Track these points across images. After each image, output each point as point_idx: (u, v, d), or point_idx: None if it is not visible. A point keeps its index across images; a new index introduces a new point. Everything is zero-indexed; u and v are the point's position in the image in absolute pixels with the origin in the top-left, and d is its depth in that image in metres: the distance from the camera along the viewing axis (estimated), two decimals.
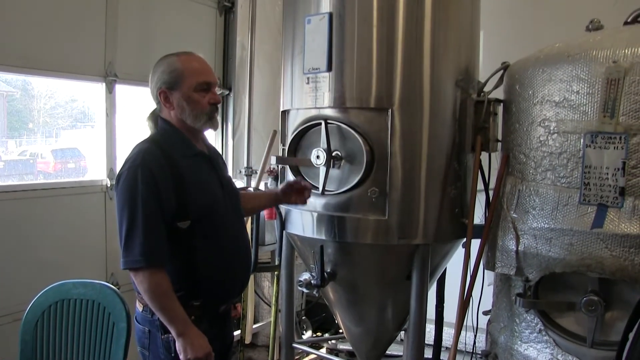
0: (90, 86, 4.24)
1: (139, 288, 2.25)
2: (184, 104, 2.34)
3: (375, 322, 2.98)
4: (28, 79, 4.30)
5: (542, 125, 2.27)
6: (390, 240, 2.54)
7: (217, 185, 2.43)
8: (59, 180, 4.35)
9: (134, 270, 2.21)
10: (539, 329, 2.30)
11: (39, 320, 2.76)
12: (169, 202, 2.22)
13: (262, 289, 5.10)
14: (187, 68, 2.35)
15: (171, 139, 2.37)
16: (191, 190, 2.29)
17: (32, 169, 5.13)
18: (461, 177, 2.68)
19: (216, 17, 5.17)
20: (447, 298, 3.22)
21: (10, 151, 4.82)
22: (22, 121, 4.86)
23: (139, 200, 2.19)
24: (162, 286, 2.21)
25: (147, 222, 2.19)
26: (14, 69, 3.68)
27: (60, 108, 4.94)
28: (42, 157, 5.38)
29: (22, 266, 3.61)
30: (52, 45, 3.76)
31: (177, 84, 2.34)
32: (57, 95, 4.88)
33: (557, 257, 2.17)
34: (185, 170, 2.30)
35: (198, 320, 2.32)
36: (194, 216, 2.28)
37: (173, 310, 2.22)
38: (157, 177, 2.21)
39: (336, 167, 2.58)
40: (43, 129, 5.08)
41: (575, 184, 2.15)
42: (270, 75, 4.99)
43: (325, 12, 2.55)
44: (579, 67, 2.15)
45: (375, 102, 2.51)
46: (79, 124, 5.10)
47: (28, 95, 4.63)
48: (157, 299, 2.22)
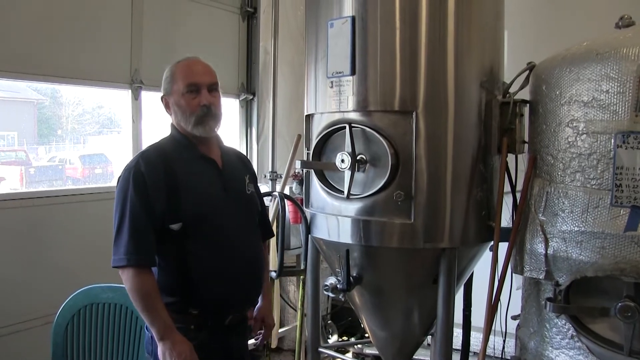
0: (116, 93, 4.30)
1: (125, 287, 2.27)
2: (176, 108, 2.40)
3: (402, 326, 2.95)
4: (57, 87, 4.38)
5: (570, 126, 2.22)
6: (416, 244, 2.52)
7: (220, 190, 2.42)
8: (87, 186, 4.42)
9: (120, 268, 2.24)
10: (570, 334, 2.25)
11: (69, 323, 2.86)
12: (158, 204, 2.25)
13: (288, 293, 5.10)
14: (178, 72, 2.39)
15: (174, 143, 2.43)
16: (184, 194, 2.31)
17: (61, 175, 5.23)
18: (487, 179, 2.64)
19: (239, 23, 5.21)
20: (475, 302, 3.17)
21: (40, 157, 4.92)
22: (51, 128, 4.97)
23: (127, 202, 2.24)
24: (145, 286, 2.22)
25: (133, 223, 2.22)
26: (45, 77, 3.82)
27: (88, 115, 5.04)
28: (71, 162, 5.49)
29: (52, 270, 3.69)
30: (80, 54, 3.85)
31: (171, 89, 2.41)
32: (85, 102, 4.98)
33: (589, 260, 2.12)
34: (181, 173, 2.33)
35: (197, 330, 2.33)
36: (186, 219, 2.30)
37: (155, 312, 2.22)
38: (147, 179, 2.26)
39: (361, 170, 2.56)
40: (71, 136, 5.19)
41: (606, 185, 2.10)
42: (292, 80, 5.01)
43: (348, 15, 2.54)
44: (609, 66, 2.09)
45: (399, 105, 2.49)
46: (105, 130, 5.18)
47: (57, 102, 4.74)
48: (139, 299, 2.23)
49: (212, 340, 2.37)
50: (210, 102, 2.37)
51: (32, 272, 3.61)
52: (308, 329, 3.24)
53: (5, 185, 4.53)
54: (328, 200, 2.72)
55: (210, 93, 2.39)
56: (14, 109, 4.86)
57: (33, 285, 3.60)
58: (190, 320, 2.33)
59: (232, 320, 2.43)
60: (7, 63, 3.41)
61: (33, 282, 3.60)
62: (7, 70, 3.49)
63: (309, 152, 2.81)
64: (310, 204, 2.88)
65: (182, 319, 2.31)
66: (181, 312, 2.31)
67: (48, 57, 3.67)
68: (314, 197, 2.85)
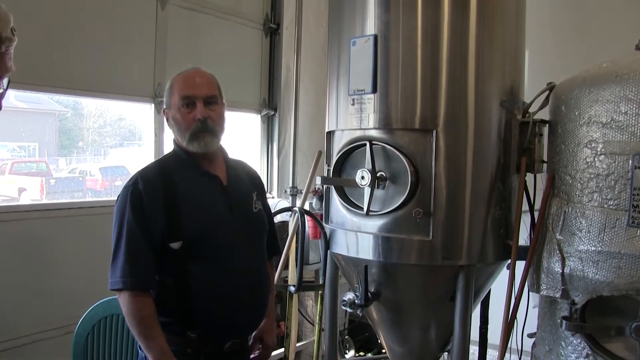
0: (139, 106, 4.36)
1: (122, 310, 2.18)
2: (172, 122, 2.29)
3: (419, 342, 2.96)
4: (78, 99, 4.44)
5: (588, 147, 2.25)
6: (435, 261, 2.54)
7: (224, 208, 2.31)
8: (107, 199, 4.47)
9: (117, 291, 2.16)
10: (586, 353, 2.26)
11: (90, 334, 2.87)
12: (157, 223, 2.15)
13: (306, 307, 5.11)
14: (176, 84, 2.28)
15: (176, 159, 2.32)
16: (185, 211, 2.20)
17: (81, 186, 5.26)
18: (506, 198, 2.66)
19: (262, 39, 5.27)
20: (492, 319, 3.18)
21: (60, 168, 4.96)
22: (72, 139, 5.00)
23: (124, 222, 2.15)
24: (141, 312, 2.13)
25: (130, 244, 2.13)
26: (69, 90, 3.86)
27: (109, 127, 5.08)
28: (91, 174, 5.52)
29: (73, 280, 3.72)
30: (104, 68, 3.90)
31: (170, 103, 2.30)
32: (106, 114, 5.02)
33: (605, 280, 2.14)
34: (183, 190, 2.23)
35: (194, 355, 2.21)
36: (187, 238, 2.19)
37: (152, 338, 2.12)
38: (145, 198, 2.16)
39: (380, 187, 2.59)
40: (92, 148, 5.22)
41: (623, 206, 2.12)
42: (314, 96, 5.04)
43: (370, 34, 2.58)
44: (628, 88, 2.13)
45: (419, 123, 2.53)
46: (126, 142, 5.22)
47: (78, 114, 4.77)
48: (136, 324, 2.14)
49: None
50: (205, 115, 2.22)
51: (53, 282, 3.64)
52: (325, 344, 3.24)
53: (26, 196, 4.58)
54: (348, 216, 2.75)
55: (209, 106, 2.24)
56: (36, 120, 4.91)
57: (54, 294, 3.64)
58: (188, 343, 2.20)
59: (231, 346, 2.31)
60: (30, 75, 3.41)
61: (54, 292, 3.64)
62: (31, 83, 3.49)
63: (329, 169, 2.84)
64: (329, 220, 2.91)
65: (179, 341, 2.19)
66: (178, 334, 2.20)
67: (73, 70, 3.72)
68: (333, 213, 2.88)
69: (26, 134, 4.51)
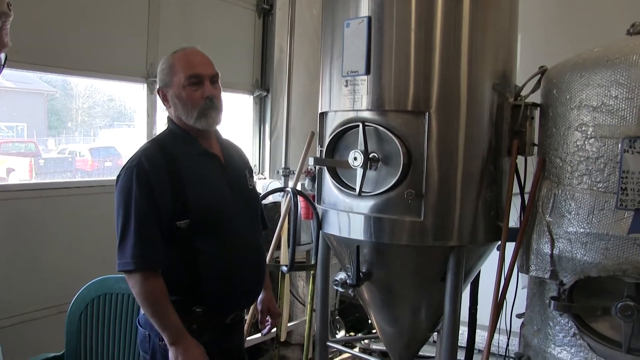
0: (128, 86, 4.35)
1: (132, 291, 2.20)
2: (176, 101, 2.29)
3: (409, 322, 3.00)
4: (68, 79, 4.41)
5: (579, 130, 2.28)
6: (426, 242, 2.57)
7: (225, 186, 2.36)
8: (99, 178, 4.47)
9: (127, 273, 2.16)
10: (573, 332, 2.30)
11: (83, 313, 2.88)
12: (165, 202, 2.16)
13: (297, 288, 5.15)
14: (177, 63, 2.29)
15: (174, 138, 2.33)
16: (191, 189, 2.22)
17: (71, 167, 5.23)
18: (497, 180, 2.69)
19: (255, 20, 5.26)
20: (480, 300, 3.23)
21: (50, 149, 4.94)
22: (61, 120, 4.96)
23: (132, 202, 2.14)
24: (155, 292, 2.15)
25: (140, 225, 2.13)
26: (60, 69, 3.83)
27: (98, 107, 5.05)
28: (81, 155, 5.50)
29: (65, 260, 3.73)
30: (97, 47, 3.89)
31: (169, 81, 2.30)
32: (95, 95, 4.99)
33: (593, 261, 2.18)
34: (186, 169, 2.25)
35: (200, 330, 2.25)
36: (194, 216, 2.21)
37: (166, 317, 2.15)
38: (152, 177, 2.16)
39: (373, 168, 2.61)
40: (81, 128, 5.19)
41: (612, 188, 2.16)
42: (306, 78, 5.05)
43: (364, 16, 2.59)
44: (618, 72, 2.15)
45: (412, 105, 2.54)
46: (116, 123, 5.20)
47: (67, 94, 4.73)
48: (149, 304, 2.16)
49: (215, 340, 2.31)
50: (213, 93, 2.29)
51: (44, 262, 3.65)
52: (317, 323, 3.28)
53: (15, 177, 4.57)
54: (340, 197, 2.77)
55: (213, 85, 2.31)
56: (24, 100, 4.86)
57: (46, 274, 3.65)
58: (193, 319, 2.25)
59: (234, 318, 2.39)
60: (22, 54, 3.38)
61: (45, 271, 3.65)
62: (23, 62, 3.47)
63: (322, 150, 2.85)
64: (322, 201, 2.93)
65: (184, 318, 2.22)
66: (184, 311, 2.22)
67: (64, 49, 3.69)
68: (326, 193, 2.90)
69: (14, 114, 4.45)
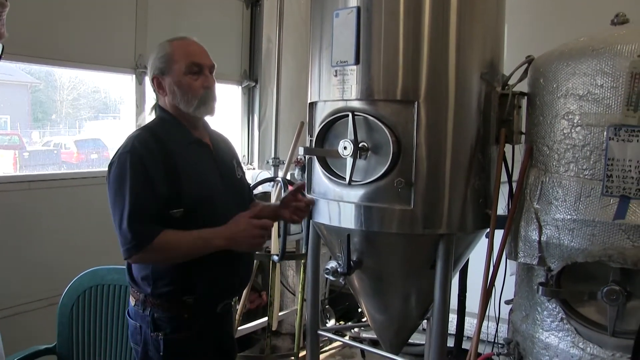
0: (113, 77, 4.34)
1: (161, 262, 2.22)
2: (174, 88, 2.30)
3: (399, 310, 3.04)
4: (51, 71, 4.38)
5: (565, 118, 2.31)
6: (416, 230, 2.59)
7: (216, 176, 2.39)
8: (88, 170, 4.46)
9: (137, 255, 2.16)
10: (560, 317, 2.35)
11: (75, 304, 2.90)
12: (160, 189, 2.17)
13: (287, 278, 5.18)
14: (177, 52, 2.31)
15: (166, 127, 2.33)
16: (185, 179, 2.24)
17: (56, 159, 5.20)
18: (485, 168, 2.71)
19: (243, 10, 5.26)
20: (469, 288, 3.26)
21: (34, 141, 4.91)
22: (45, 112, 4.93)
23: (126, 188, 2.14)
24: (170, 242, 2.16)
25: (135, 210, 2.13)
26: (48, 60, 3.82)
27: (83, 99, 5.02)
28: (66, 147, 5.47)
29: (54, 252, 3.73)
30: (85, 39, 3.88)
31: (167, 69, 2.31)
32: (80, 86, 4.96)
33: (580, 247, 2.22)
34: (179, 158, 2.25)
35: (192, 319, 2.28)
36: (188, 205, 2.23)
37: (193, 243, 2.19)
38: (147, 164, 2.17)
39: (362, 158, 2.63)
40: (66, 120, 5.16)
41: (598, 176, 2.19)
42: (294, 68, 5.06)
43: (353, 6, 2.60)
44: (604, 61, 2.18)
45: (401, 95, 2.56)
46: (101, 115, 5.17)
47: (51, 86, 4.70)
48: (180, 256, 2.20)
49: (205, 329, 2.35)
50: (212, 83, 2.35)
51: (34, 254, 3.65)
52: (308, 312, 3.31)
53: None
54: (330, 186, 2.78)
55: (210, 75, 2.37)
56: (7, 92, 4.83)
57: (35, 267, 3.65)
58: (185, 309, 2.28)
59: (223, 307, 2.42)
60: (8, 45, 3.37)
61: (35, 264, 3.65)
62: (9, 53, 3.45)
63: (312, 139, 2.86)
64: (312, 190, 2.93)
65: (175, 307, 2.27)
66: (175, 301, 2.27)
67: (52, 40, 3.69)
68: (316, 183, 2.91)
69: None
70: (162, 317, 2.28)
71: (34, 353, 2.84)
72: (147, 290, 2.28)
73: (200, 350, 2.35)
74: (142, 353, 2.31)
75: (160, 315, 2.27)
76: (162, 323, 2.28)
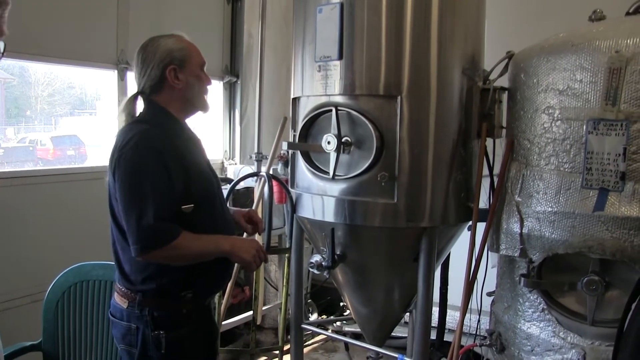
0: (95, 73, 4.32)
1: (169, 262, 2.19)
2: (194, 81, 2.36)
3: (383, 303, 3.07)
4: (25, 66, 4.32)
5: (546, 113, 2.35)
6: (399, 223, 2.62)
7: (210, 171, 2.44)
8: (72, 166, 4.43)
9: (154, 252, 2.12)
10: (541, 308, 2.39)
11: (60, 300, 2.88)
12: (178, 180, 2.17)
13: (269, 273, 5.19)
14: (192, 48, 2.40)
15: (165, 122, 2.32)
16: (193, 174, 2.25)
17: (32, 156, 5.15)
18: (467, 162, 2.75)
19: (224, 6, 5.25)
20: (450, 281, 3.30)
21: (8, 138, 4.85)
22: (19, 108, 4.86)
23: (147, 183, 2.11)
24: (186, 242, 2.16)
25: (160, 205, 2.11)
26: (27, 55, 3.78)
27: (58, 95, 4.95)
28: (42, 144, 5.41)
29: (36, 249, 3.71)
30: (66, 34, 3.86)
31: (186, 62, 2.34)
32: (55, 82, 4.90)
33: (560, 239, 2.26)
34: (186, 153, 2.27)
35: (189, 313, 2.31)
36: (197, 201, 2.24)
37: (205, 246, 2.24)
38: (166, 159, 2.15)
39: (346, 152, 2.65)
40: (41, 116, 5.10)
41: (577, 169, 2.24)
42: (275, 63, 5.05)
43: (337, 2, 2.61)
44: (583, 57, 2.22)
45: (384, 90, 2.58)
46: (77, 111, 5.12)
47: (25, 82, 4.63)
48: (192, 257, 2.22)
49: (200, 322, 2.38)
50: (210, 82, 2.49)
51: (16, 251, 3.62)
52: (292, 306, 3.33)
53: None
54: (313, 180, 2.80)
55: None
56: None
57: (17, 263, 3.62)
58: (183, 304, 2.30)
59: (209, 301, 2.49)
60: None
61: (17, 261, 3.62)
62: None
63: (295, 134, 2.88)
64: (296, 185, 2.96)
65: (175, 304, 2.29)
66: (174, 298, 2.27)
67: (32, 35, 3.65)
68: (299, 177, 2.93)
69: None
70: (162, 315, 2.27)
71: (20, 350, 2.82)
72: (149, 290, 2.26)
73: (197, 343, 2.38)
74: (140, 354, 2.29)
75: (160, 313, 2.27)
76: (161, 321, 2.27)
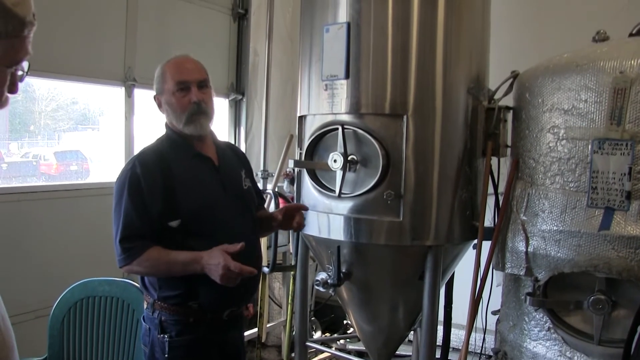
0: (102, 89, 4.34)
1: (149, 275, 2.34)
2: (167, 107, 2.40)
3: (387, 321, 3.07)
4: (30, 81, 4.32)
5: (551, 132, 2.36)
6: (404, 242, 2.63)
7: (217, 187, 2.43)
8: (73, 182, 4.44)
9: (126, 267, 2.29)
10: (547, 327, 2.39)
11: (66, 316, 2.88)
12: (154, 205, 2.26)
13: (273, 290, 5.18)
14: (168, 71, 2.39)
15: (169, 143, 2.42)
16: (181, 192, 2.31)
17: (35, 171, 5.15)
18: (472, 181, 2.76)
19: (230, 24, 5.29)
20: (454, 300, 3.30)
21: (12, 153, 4.86)
22: (23, 123, 4.86)
23: (122, 206, 2.27)
24: (151, 260, 2.25)
25: (125, 226, 2.26)
26: (37, 73, 3.80)
27: (62, 110, 4.97)
28: (45, 159, 5.42)
29: (40, 266, 3.71)
30: (75, 51, 3.89)
31: (162, 89, 2.41)
32: (59, 97, 4.92)
33: (566, 257, 2.26)
34: (178, 172, 2.34)
35: (196, 323, 2.34)
36: (185, 216, 2.29)
37: (176, 262, 2.25)
38: (143, 182, 2.27)
39: (352, 170, 2.67)
40: (44, 131, 5.11)
41: (583, 188, 2.25)
42: (280, 81, 5.08)
43: (343, 22, 2.65)
44: (587, 77, 2.24)
45: (390, 109, 2.61)
46: (80, 126, 5.14)
47: (29, 97, 4.65)
48: (160, 272, 2.31)
49: (210, 334, 2.39)
50: (200, 98, 2.36)
51: (20, 267, 3.61)
52: (296, 324, 3.31)
53: None
54: (319, 198, 2.82)
55: (201, 90, 2.38)
56: None
57: (21, 280, 3.61)
58: (190, 313, 2.33)
59: (230, 314, 2.45)
60: None
61: (21, 277, 3.61)
62: None
63: (301, 152, 2.89)
64: (301, 202, 2.96)
65: (181, 311, 2.33)
66: (181, 305, 2.33)
67: (43, 53, 3.68)
68: (305, 195, 2.94)
69: None
70: (169, 320, 2.35)
71: None
72: (155, 294, 2.37)
73: (203, 354, 2.39)
74: (150, 354, 2.39)
75: (167, 318, 2.34)
76: (168, 326, 2.35)
